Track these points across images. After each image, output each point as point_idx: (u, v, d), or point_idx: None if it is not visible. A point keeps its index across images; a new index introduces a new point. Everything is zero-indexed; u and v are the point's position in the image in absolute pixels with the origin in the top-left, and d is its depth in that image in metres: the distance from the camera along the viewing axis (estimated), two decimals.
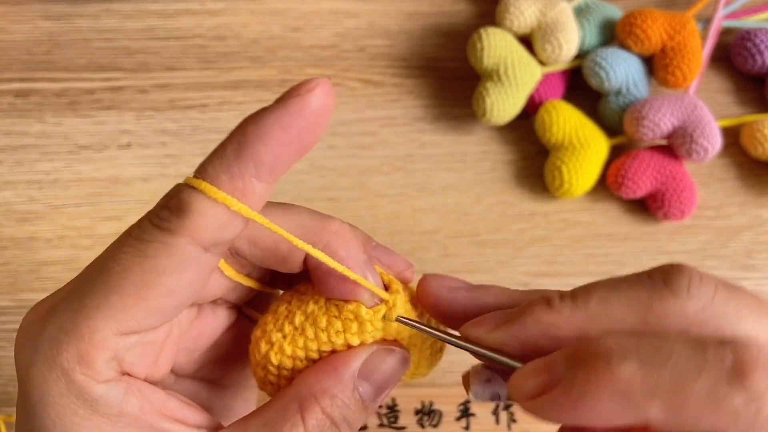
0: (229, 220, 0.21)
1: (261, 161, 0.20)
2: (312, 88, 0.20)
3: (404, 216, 0.52)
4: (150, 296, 0.20)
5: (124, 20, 0.59)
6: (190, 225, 0.20)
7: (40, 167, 0.53)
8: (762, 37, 0.55)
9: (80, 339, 0.20)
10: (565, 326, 0.20)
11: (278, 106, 0.20)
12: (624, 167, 0.51)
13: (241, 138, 0.21)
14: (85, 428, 0.20)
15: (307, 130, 0.20)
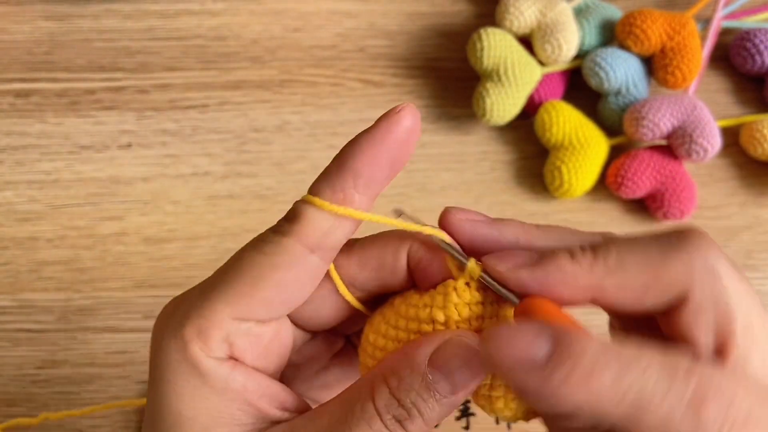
0: (332, 226, 0.24)
1: (358, 174, 0.24)
2: (399, 111, 0.24)
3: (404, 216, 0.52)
4: (262, 287, 0.24)
5: (125, 20, 0.59)
6: (299, 229, 0.24)
7: (40, 167, 0.53)
8: (761, 37, 0.55)
9: (201, 317, 0.24)
10: (584, 278, 0.22)
11: (371, 127, 0.24)
12: (624, 167, 0.51)
13: (341, 157, 0.24)
14: (195, 396, 0.23)
15: (396, 146, 0.24)
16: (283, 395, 0.25)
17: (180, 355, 0.24)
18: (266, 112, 0.56)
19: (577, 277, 0.22)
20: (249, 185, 0.52)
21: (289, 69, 0.57)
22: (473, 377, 0.24)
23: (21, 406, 0.46)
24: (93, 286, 0.49)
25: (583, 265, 0.22)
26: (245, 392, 0.24)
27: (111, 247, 0.50)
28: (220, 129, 0.55)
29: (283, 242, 0.24)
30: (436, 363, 0.23)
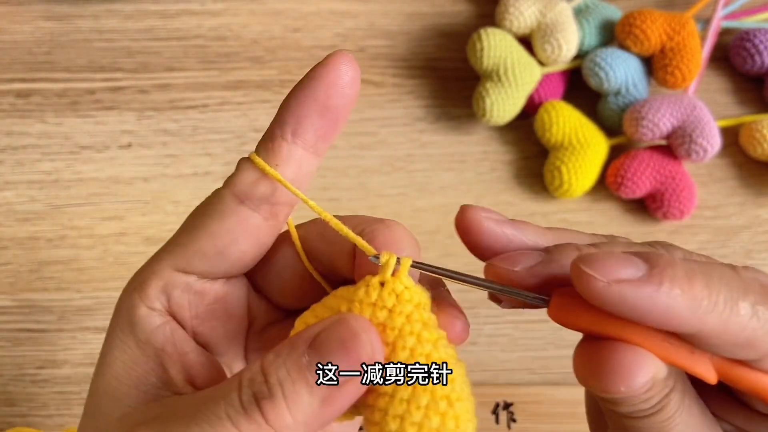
0: (258, 176, 0.24)
1: (284, 122, 0.24)
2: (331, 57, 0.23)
3: (404, 216, 0.52)
4: (196, 236, 0.24)
5: (125, 21, 0.59)
6: (232, 180, 0.24)
7: (41, 167, 0.53)
8: (761, 37, 0.55)
9: (147, 267, 0.24)
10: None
11: (306, 76, 0.24)
12: (623, 167, 0.51)
13: (279, 108, 0.24)
14: (120, 344, 0.24)
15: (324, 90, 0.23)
16: (197, 369, 0.24)
17: (123, 302, 0.24)
18: (266, 112, 0.56)
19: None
20: None
21: (289, 69, 0.57)
22: (350, 366, 0.21)
23: (21, 405, 0.46)
24: (93, 286, 0.49)
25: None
26: (162, 353, 0.24)
27: (111, 247, 0.51)
28: (221, 129, 0.55)
29: (218, 193, 0.25)
30: (314, 343, 0.21)
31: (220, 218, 0.24)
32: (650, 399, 0.21)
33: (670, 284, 0.19)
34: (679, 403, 0.21)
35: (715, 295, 0.19)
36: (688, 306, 0.19)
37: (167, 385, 0.24)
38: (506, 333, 0.48)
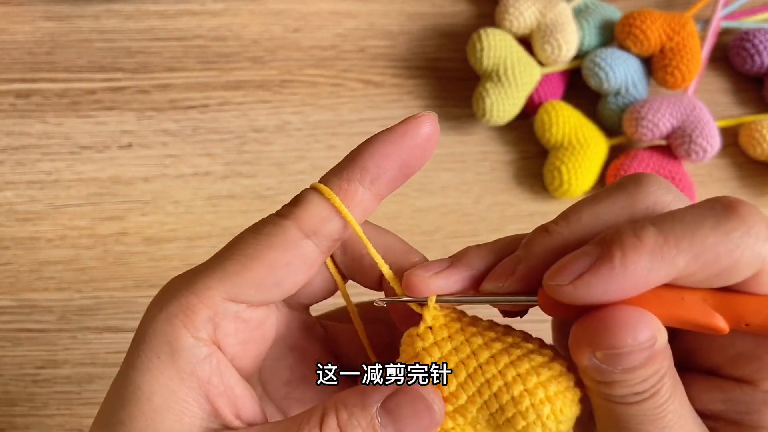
0: (331, 214, 0.24)
1: (366, 168, 0.24)
2: (420, 117, 0.24)
3: (404, 216, 0.52)
4: (254, 267, 0.23)
5: (125, 21, 0.59)
6: (298, 212, 0.24)
7: (41, 167, 0.53)
8: (761, 37, 0.55)
9: (191, 292, 0.23)
10: (569, 242, 0.22)
11: (390, 128, 0.24)
12: (623, 167, 0.51)
13: (354, 152, 0.24)
14: (160, 372, 0.23)
15: (410, 149, 0.24)
16: (242, 401, 0.24)
17: (162, 327, 0.23)
18: (266, 112, 0.56)
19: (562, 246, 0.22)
20: (249, 185, 0.53)
21: (289, 69, 0.57)
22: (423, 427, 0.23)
23: (21, 405, 0.46)
24: (93, 286, 0.49)
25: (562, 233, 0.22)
26: (208, 385, 0.23)
27: (111, 247, 0.51)
28: (221, 129, 0.55)
29: (280, 223, 0.24)
30: (387, 407, 0.23)
31: (282, 250, 0.23)
32: (647, 380, 0.21)
33: (622, 254, 0.20)
34: (671, 390, 0.21)
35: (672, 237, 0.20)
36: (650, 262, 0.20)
37: (215, 419, 0.23)
38: None
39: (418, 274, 0.24)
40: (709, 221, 0.20)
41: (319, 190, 0.24)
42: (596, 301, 0.20)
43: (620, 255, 0.20)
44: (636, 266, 0.20)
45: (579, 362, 0.21)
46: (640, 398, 0.21)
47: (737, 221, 0.20)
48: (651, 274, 0.20)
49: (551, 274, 0.21)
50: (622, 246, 0.20)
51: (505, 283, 0.23)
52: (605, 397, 0.22)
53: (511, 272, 0.23)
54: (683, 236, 0.20)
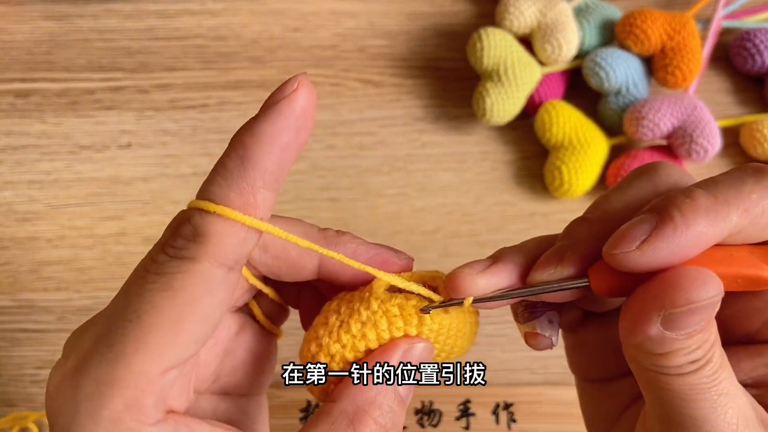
0: (248, 235, 0.21)
1: (266, 170, 0.21)
2: (296, 88, 0.21)
3: (404, 216, 0.52)
4: (186, 328, 0.20)
5: (125, 20, 0.59)
6: (211, 249, 0.20)
7: (40, 167, 0.53)
8: (761, 37, 0.55)
9: (125, 387, 0.20)
10: (608, 225, 0.22)
11: (270, 112, 0.21)
12: (624, 167, 0.51)
13: (242, 151, 0.21)
14: None
15: (302, 129, 0.21)
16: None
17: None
18: None
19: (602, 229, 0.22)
20: None
21: (289, 69, 0.57)
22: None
23: (21, 406, 0.46)
24: (92, 286, 0.49)
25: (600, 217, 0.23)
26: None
27: (111, 247, 0.50)
28: (220, 129, 0.55)
29: (196, 270, 0.20)
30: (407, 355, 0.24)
31: (209, 296, 0.21)
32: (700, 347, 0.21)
33: (680, 213, 0.20)
34: (721, 358, 0.22)
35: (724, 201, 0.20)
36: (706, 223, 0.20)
37: None
38: (506, 333, 0.48)
39: (464, 273, 0.23)
40: (749, 180, 0.21)
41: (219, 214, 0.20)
42: (661, 264, 0.21)
43: (680, 215, 0.20)
44: (696, 224, 0.20)
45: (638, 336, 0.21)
46: (696, 366, 0.21)
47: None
48: (710, 231, 0.20)
49: (613, 243, 0.21)
50: (680, 208, 0.20)
51: (555, 270, 0.23)
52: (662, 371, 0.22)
53: (560, 259, 0.23)
54: (731, 194, 0.21)
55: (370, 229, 0.51)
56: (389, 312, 0.24)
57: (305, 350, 0.25)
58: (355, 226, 0.51)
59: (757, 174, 0.21)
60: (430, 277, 0.26)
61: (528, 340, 0.25)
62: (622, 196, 0.23)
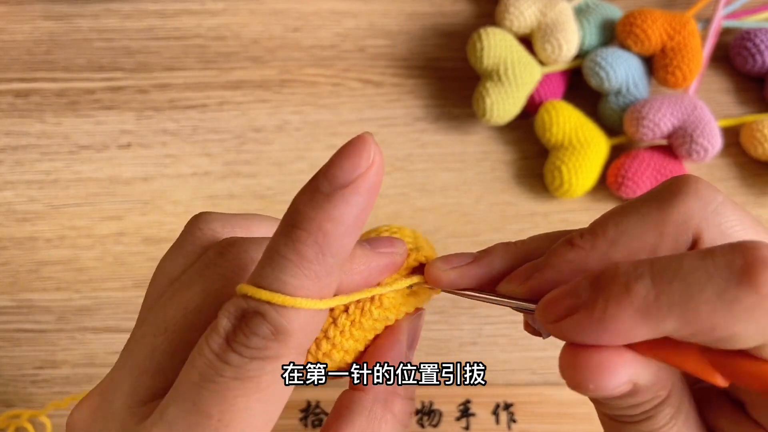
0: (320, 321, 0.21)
1: (346, 254, 0.20)
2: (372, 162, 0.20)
3: (404, 216, 0.52)
4: (274, 421, 0.20)
5: (124, 20, 0.59)
6: (293, 343, 0.19)
7: (40, 167, 0.53)
8: (762, 37, 0.55)
9: None
10: (591, 258, 0.21)
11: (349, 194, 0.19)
12: (624, 167, 0.51)
13: (322, 239, 0.19)
14: None
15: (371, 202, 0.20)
16: None
17: None
18: (266, 112, 0.56)
19: (584, 262, 0.21)
20: (249, 185, 0.52)
21: (289, 69, 0.57)
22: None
23: (20, 406, 0.46)
24: (93, 286, 0.49)
25: (585, 247, 0.21)
26: None
27: (110, 247, 0.50)
28: (220, 129, 0.55)
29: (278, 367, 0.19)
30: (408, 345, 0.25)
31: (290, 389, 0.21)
32: (637, 406, 0.21)
33: (604, 305, 0.18)
34: (671, 417, 0.21)
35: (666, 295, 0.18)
36: (632, 318, 0.18)
37: None
38: (506, 333, 0.48)
39: (437, 266, 0.24)
40: (713, 285, 0.17)
41: (299, 307, 0.19)
42: (576, 341, 0.19)
43: (602, 307, 0.18)
44: (617, 322, 0.18)
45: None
46: (631, 420, 0.21)
47: (747, 290, 0.17)
48: (633, 331, 0.18)
49: (542, 306, 0.21)
50: (607, 297, 0.18)
51: (517, 288, 0.23)
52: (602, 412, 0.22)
53: (526, 278, 0.23)
54: (677, 300, 0.17)
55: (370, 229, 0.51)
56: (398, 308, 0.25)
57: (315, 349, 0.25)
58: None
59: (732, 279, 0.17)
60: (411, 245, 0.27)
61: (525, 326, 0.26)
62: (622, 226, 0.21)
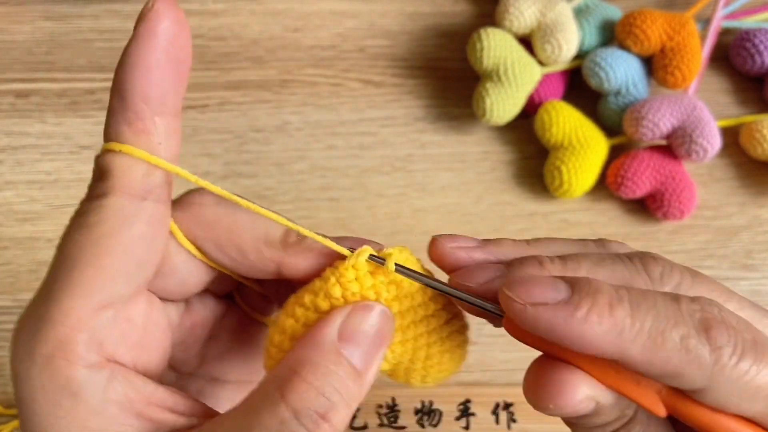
0: (149, 167, 0.21)
1: (145, 95, 0.21)
2: (152, 6, 0.20)
3: (404, 216, 0.52)
4: (108, 262, 0.20)
5: (125, 20, 0.59)
6: (116, 183, 0.21)
7: (40, 167, 0.53)
8: (761, 37, 0.55)
9: (55, 324, 0.20)
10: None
11: (133, 39, 0.20)
12: (623, 167, 0.51)
13: (117, 85, 0.21)
14: (68, 422, 0.20)
15: (171, 44, 0.21)
16: (172, 399, 0.22)
17: (43, 377, 0.20)
18: (266, 112, 0.56)
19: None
20: (249, 185, 0.52)
21: (289, 69, 0.57)
22: (382, 342, 0.22)
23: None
24: None
25: (552, 272, 0.22)
26: (129, 403, 0.21)
27: None
28: (220, 129, 0.55)
29: (106, 204, 0.21)
30: (346, 335, 0.21)
31: (126, 228, 0.21)
32: (605, 426, 0.21)
33: (588, 310, 0.19)
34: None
35: (639, 324, 0.19)
36: (606, 333, 0.19)
37: (156, 429, 0.21)
38: (506, 333, 0.48)
39: (443, 242, 0.23)
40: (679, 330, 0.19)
41: (116, 150, 0.21)
42: (541, 335, 0.20)
43: (586, 312, 0.19)
44: (594, 331, 0.19)
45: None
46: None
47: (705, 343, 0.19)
48: (602, 346, 0.19)
49: (514, 284, 0.20)
50: (592, 305, 0.19)
51: (473, 285, 0.22)
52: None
53: (485, 279, 0.22)
54: (646, 332, 0.19)
55: (370, 229, 0.51)
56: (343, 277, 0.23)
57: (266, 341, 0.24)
58: (355, 226, 0.51)
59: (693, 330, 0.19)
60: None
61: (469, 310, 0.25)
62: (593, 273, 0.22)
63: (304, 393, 0.20)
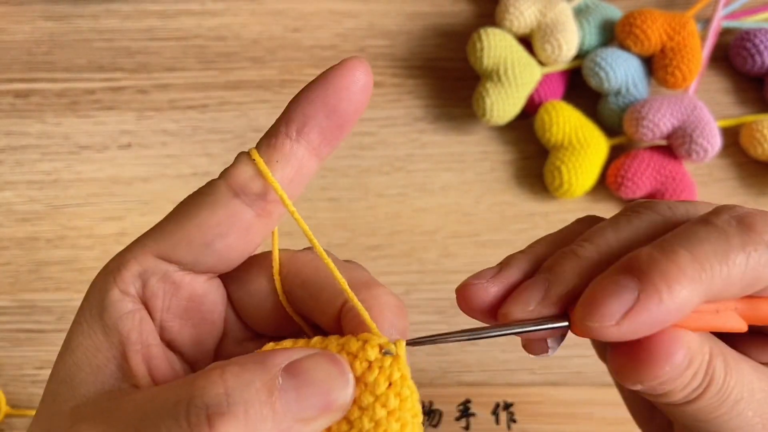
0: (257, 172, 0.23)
1: (290, 119, 0.23)
2: (347, 62, 0.23)
3: (404, 216, 0.52)
4: (185, 225, 0.23)
5: (125, 20, 0.59)
6: (229, 172, 0.23)
7: (40, 167, 0.53)
8: (761, 37, 0.55)
9: (128, 250, 0.24)
10: (597, 266, 0.22)
11: (316, 78, 0.23)
12: (624, 167, 0.51)
13: (290, 102, 0.24)
14: (84, 330, 0.23)
15: (334, 92, 0.23)
16: (158, 363, 0.23)
17: (98, 283, 0.23)
18: (266, 112, 0.56)
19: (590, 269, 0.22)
20: None
21: (289, 69, 0.57)
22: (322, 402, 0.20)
23: (21, 406, 0.46)
24: None
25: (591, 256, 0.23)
26: (126, 340, 0.22)
27: (111, 247, 0.50)
28: (220, 129, 0.55)
29: (212, 183, 0.24)
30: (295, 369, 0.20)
31: (211, 209, 0.23)
32: (696, 374, 0.21)
33: (668, 286, 0.20)
34: (724, 367, 0.22)
35: (709, 267, 0.20)
36: (690, 291, 0.20)
37: (126, 376, 0.22)
38: None
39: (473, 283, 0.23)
40: (734, 240, 0.21)
41: (248, 152, 0.24)
42: (642, 335, 0.20)
43: (666, 288, 0.20)
44: (681, 296, 0.20)
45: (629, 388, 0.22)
46: (700, 390, 0.21)
47: (756, 238, 0.21)
48: (693, 301, 0.20)
49: (590, 314, 0.20)
50: (665, 277, 0.20)
51: (534, 307, 0.22)
52: (670, 405, 0.22)
53: (541, 296, 0.22)
54: (716, 260, 0.20)
55: (370, 229, 0.51)
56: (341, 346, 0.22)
57: None
58: (355, 226, 0.51)
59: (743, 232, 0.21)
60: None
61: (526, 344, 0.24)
62: (618, 234, 0.23)
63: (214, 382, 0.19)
